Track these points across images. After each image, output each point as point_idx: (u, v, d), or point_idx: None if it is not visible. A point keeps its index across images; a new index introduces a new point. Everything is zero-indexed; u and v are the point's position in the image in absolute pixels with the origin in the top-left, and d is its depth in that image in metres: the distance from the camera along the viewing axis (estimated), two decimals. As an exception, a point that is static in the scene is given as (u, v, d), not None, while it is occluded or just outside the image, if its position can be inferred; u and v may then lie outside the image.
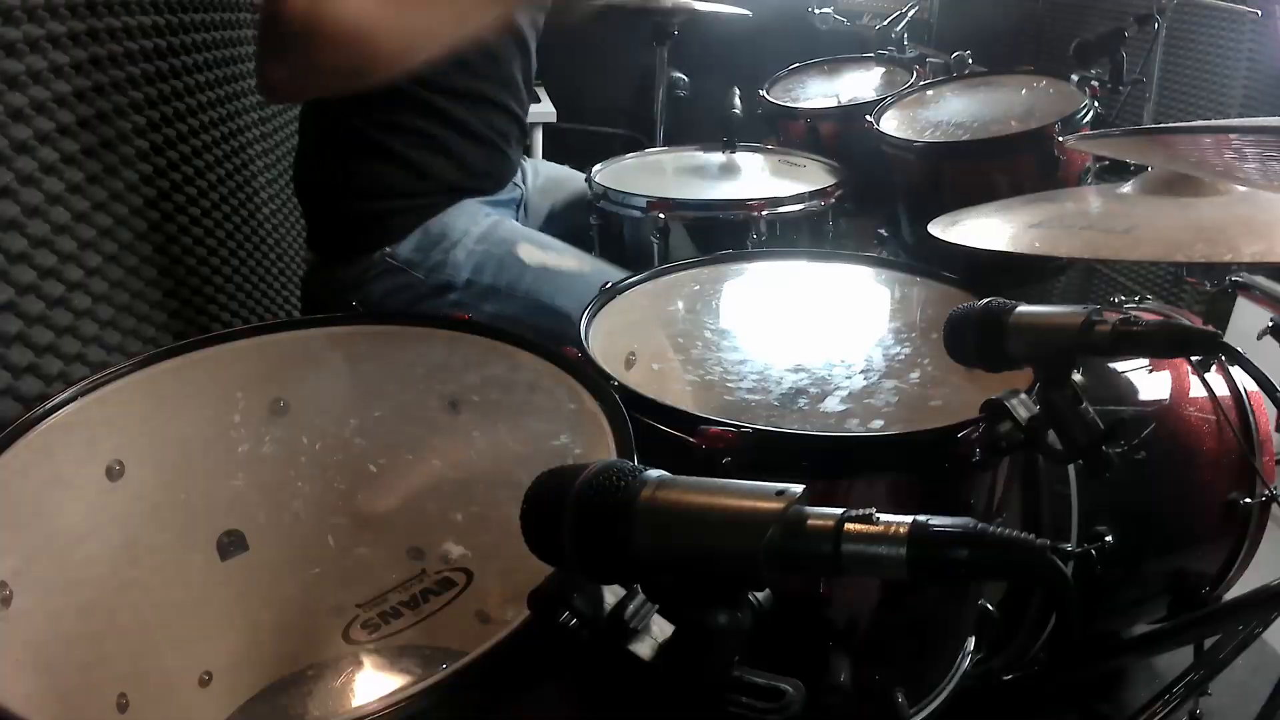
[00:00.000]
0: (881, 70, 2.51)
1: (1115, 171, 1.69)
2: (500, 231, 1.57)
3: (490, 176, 1.68)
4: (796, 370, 1.23)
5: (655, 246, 1.71)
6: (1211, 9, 2.46)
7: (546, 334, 1.45)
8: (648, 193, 1.73)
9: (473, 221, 1.57)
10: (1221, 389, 1.49)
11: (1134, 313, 1.12)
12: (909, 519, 0.48)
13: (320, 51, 1.10)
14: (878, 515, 0.49)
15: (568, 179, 1.99)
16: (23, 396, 1.05)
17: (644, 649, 0.54)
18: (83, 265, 1.20)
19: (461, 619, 1.02)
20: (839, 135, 2.18)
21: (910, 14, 2.64)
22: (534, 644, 0.62)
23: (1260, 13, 2.29)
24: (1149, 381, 1.48)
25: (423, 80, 1.48)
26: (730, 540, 0.50)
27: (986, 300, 0.91)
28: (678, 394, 1.20)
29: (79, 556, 0.87)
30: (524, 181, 1.85)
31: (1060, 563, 0.46)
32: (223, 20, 1.70)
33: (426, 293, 1.52)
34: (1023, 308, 0.89)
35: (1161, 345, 0.84)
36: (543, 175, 1.94)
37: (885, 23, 2.69)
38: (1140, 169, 1.35)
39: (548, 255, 1.54)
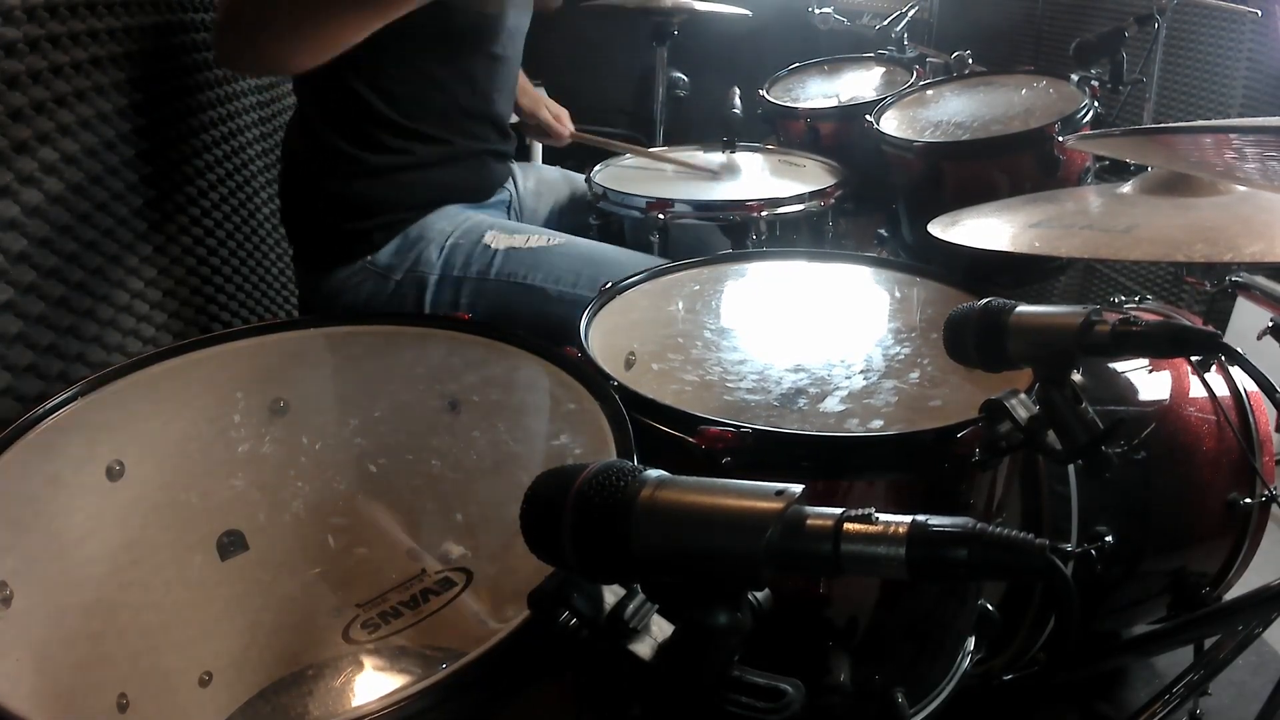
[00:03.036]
0: (881, 70, 2.51)
1: (1115, 171, 1.70)
2: (468, 224, 1.57)
3: (476, 190, 1.68)
4: (796, 370, 1.23)
5: (655, 247, 1.71)
6: (1211, 9, 2.46)
7: (525, 312, 1.45)
8: (647, 193, 1.73)
9: (450, 222, 1.57)
10: (1221, 389, 1.49)
11: (1134, 313, 1.12)
12: (908, 519, 0.48)
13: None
14: (877, 515, 0.49)
15: (564, 180, 1.98)
16: (23, 396, 1.05)
17: (644, 649, 0.54)
18: (84, 266, 1.20)
19: (461, 619, 1.02)
20: (839, 135, 2.17)
21: (910, 14, 2.64)
22: (534, 644, 0.62)
23: (1260, 13, 2.29)
24: (1149, 381, 1.48)
25: (407, 111, 1.48)
26: (730, 540, 0.50)
27: (986, 300, 0.91)
28: (678, 394, 1.20)
29: (79, 556, 0.87)
30: (515, 185, 1.84)
31: (1060, 563, 0.46)
32: (223, 20, 1.70)
33: (403, 292, 1.52)
34: (1023, 308, 0.89)
35: (1161, 345, 0.84)
36: (534, 177, 1.93)
37: (885, 23, 2.69)
38: (1140, 169, 1.35)
39: (514, 237, 1.54)
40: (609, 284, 1.25)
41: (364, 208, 1.51)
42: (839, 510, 0.49)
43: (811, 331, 1.32)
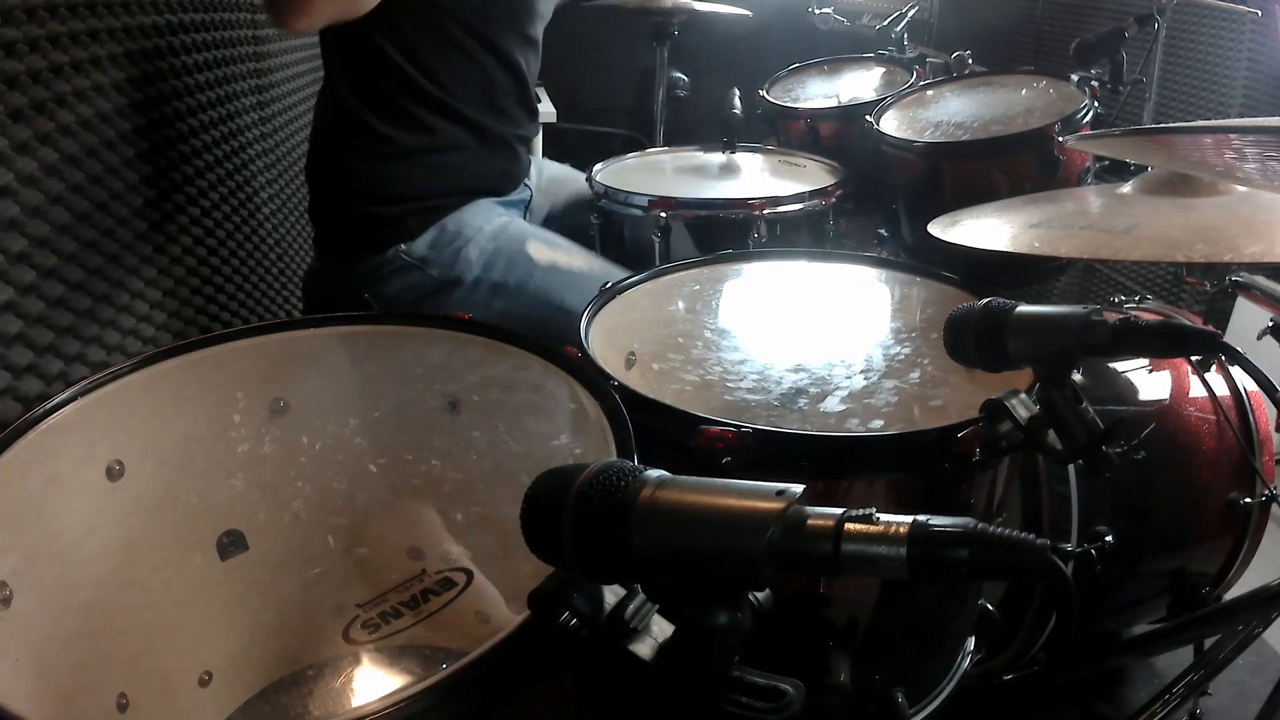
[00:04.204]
0: (881, 70, 2.51)
1: (1115, 171, 1.70)
2: (511, 229, 1.57)
3: (506, 177, 1.68)
4: (796, 370, 1.23)
5: (656, 246, 1.71)
6: (1211, 9, 2.46)
7: (553, 331, 1.45)
8: (649, 191, 1.73)
9: (487, 220, 1.57)
10: (1221, 389, 1.49)
11: (1134, 313, 1.12)
12: (909, 519, 0.48)
13: None
14: (878, 515, 0.49)
15: (568, 178, 1.99)
16: (23, 396, 1.05)
17: (644, 649, 0.54)
18: (83, 266, 1.20)
19: (461, 619, 1.02)
20: (839, 135, 2.18)
21: (910, 14, 2.64)
22: (534, 644, 0.61)
23: (1260, 13, 2.29)
24: (1149, 381, 1.48)
25: (443, 85, 1.48)
26: (730, 540, 0.50)
27: (986, 300, 0.91)
28: (678, 394, 1.20)
29: (79, 556, 0.87)
30: (531, 181, 1.84)
31: (1060, 563, 0.46)
32: (222, 20, 1.71)
33: (436, 288, 1.52)
34: (1023, 308, 0.89)
35: (1161, 345, 0.84)
36: (544, 175, 1.94)
37: (885, 23, 2.69)
38: (1140, 169, 1.35)
39: (557, 254, 1.54)
40: (609, 284, 1.25)
41: (397, 191, 1.50)
42: (839, 510, 0.49)
43: (811, 331, 1.32)
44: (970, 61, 2.17)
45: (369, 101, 1.47)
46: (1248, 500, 1.44)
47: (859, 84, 2.47)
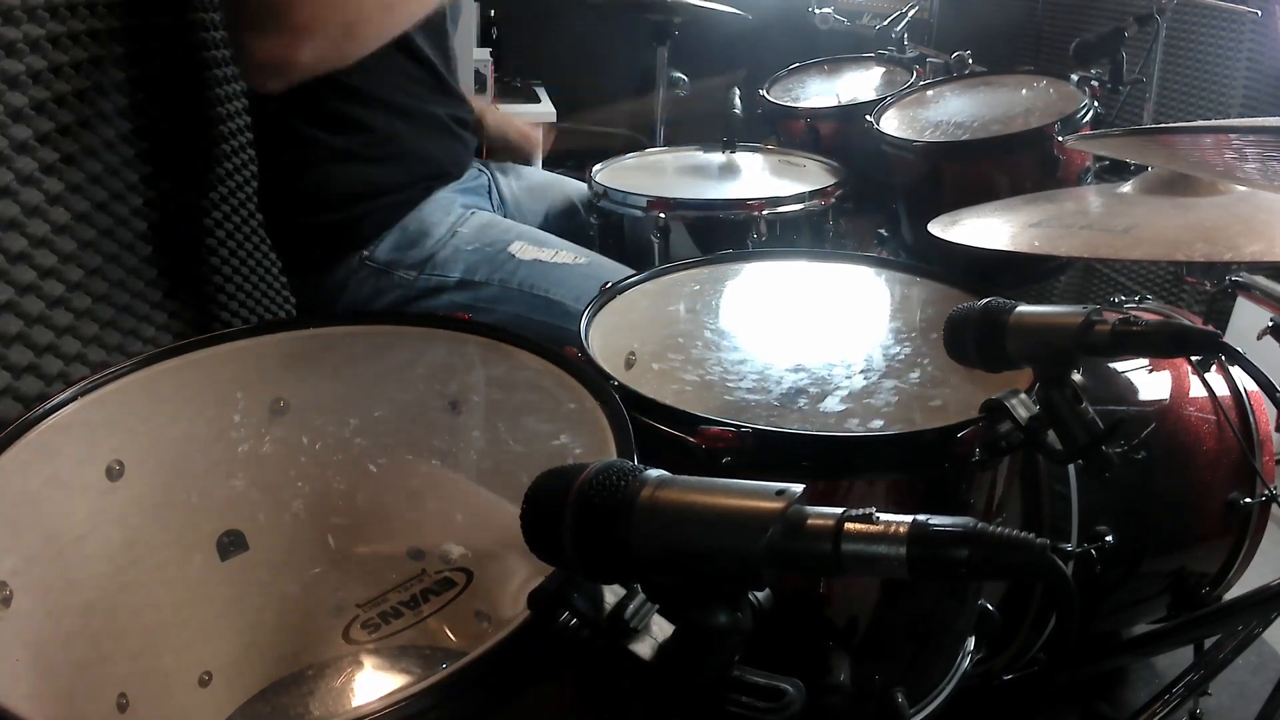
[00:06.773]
0: (881, 70, 2.51)
1: (1115, 171, 1.70)
2: (493, 232, 1.55)
3: (446, 161, 1.63)
4: (796, 370, 1.23)
5: (655, 246, 1.71)
6: (1211, 9, 2.46)
7: (542, 326, 1.45)
8: (648, 192, 1.73)
9: (447, 214, 1.54)
10: (1221, 389, 1.49)
11: (1134, 313, 1.12)
12: (909, 519, 0.48)
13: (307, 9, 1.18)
14: (877, 515, 0.49)
15: (557, 183, 1.98)
16: (23, 396, 1.05)
17: (644, 649, 0.54)
18: (83, 265, 1.20)
19: (461, 619, 1.02)
20: (839, 135, 2.18)
21: (910, 14, 2.64)
22: (534, 644, 0.62)
23: (1260, 13, 2.30)
24: (1149, 381, 1.48)
25: (359, 77, 1.43)
26: (730, 540, 0.50)
27: (986, 300, 0.91)
28: (678, 394, 1.20)
29: (79, 556, 0.87)
30: (491, 174, 1.82)
31: (1060, 563, 0.46)
32: (221, 21, 1.70)
33: (418, 293, 1.50)
34: (1023, 308, 0.89)
35: (1161, 345, 0.84)
36: (528, 178, 1.92)
37: (885, 23, 2.69)
38: (1140, 169, 1.35)
39: (543, 251, 1.53)
40: (609, 284, 1.25)
41: (346, 196, 1.47)
42: (839, 510, 0.49)
43: (811, 331, 1.32)
44: (970, 61, 2.17)
45: (290, 107, 1.42)
46: (1248, 500, 1.45)
47: (859, 84, 2.47)
